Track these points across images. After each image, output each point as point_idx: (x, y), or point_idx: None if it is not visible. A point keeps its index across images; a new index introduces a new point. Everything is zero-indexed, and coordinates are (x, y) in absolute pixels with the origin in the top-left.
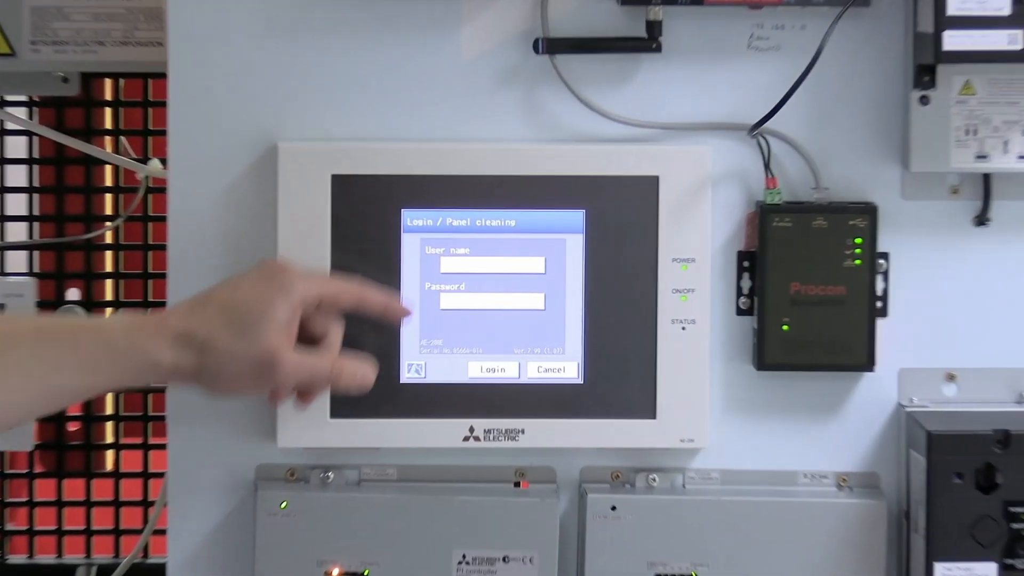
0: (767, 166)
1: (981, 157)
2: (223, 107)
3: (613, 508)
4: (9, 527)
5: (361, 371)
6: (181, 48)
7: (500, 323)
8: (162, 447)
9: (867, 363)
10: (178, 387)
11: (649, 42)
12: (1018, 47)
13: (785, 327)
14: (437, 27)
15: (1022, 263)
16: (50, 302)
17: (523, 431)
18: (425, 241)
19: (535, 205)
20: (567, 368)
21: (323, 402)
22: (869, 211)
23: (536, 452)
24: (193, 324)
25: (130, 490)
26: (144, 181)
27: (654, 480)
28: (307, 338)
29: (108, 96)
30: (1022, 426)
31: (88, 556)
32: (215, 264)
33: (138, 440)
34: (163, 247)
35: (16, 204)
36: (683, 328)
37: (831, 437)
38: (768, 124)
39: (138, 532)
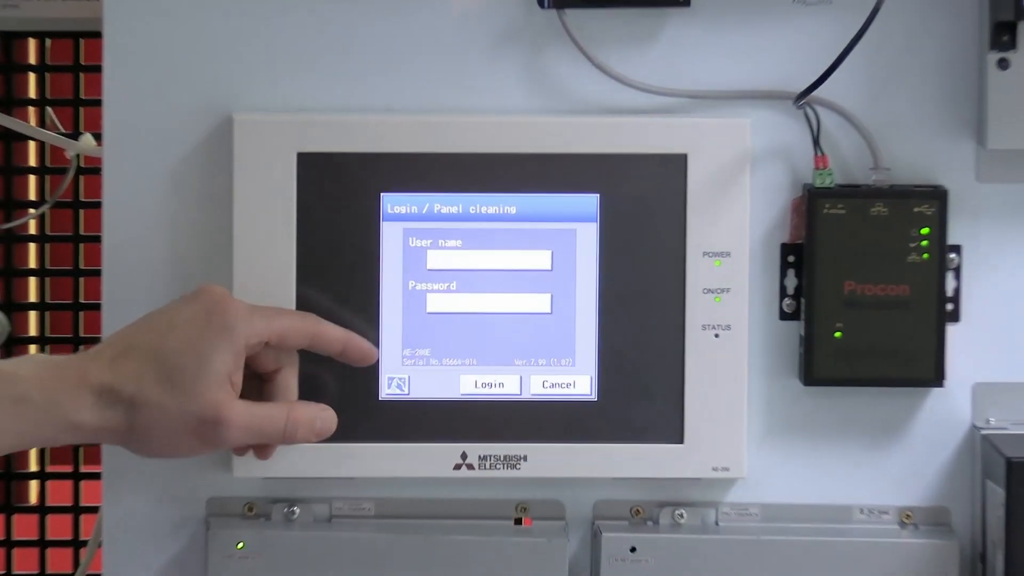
0: (816, 142)
1: None
2: (168, 72)
3: (633, 550)
4: None
5: (320, 419)
6: (119, 1)
7: (498, 329)
8: (96, 476)
9: (935, 377)
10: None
11: None
12: None
13: (838, 334)
14: None
15: None
16: None
17: (525, 458)
18: (409, 232)
19: (540, 189)
20: (578, 383)
21: None
22: (938, 196)
23: (541, 483)
24: (118, 377)
25: (58, 528)
26: (74, 160)
27: (681, 516)
28: (256, 375)
29: (32, 59)
30: None
31: None
32: (158, 259)
33: (67, 468)
34: (97, 239)
35: None
36: (716, 335)
37: (892, 465)
38: (817, 92)
39: None
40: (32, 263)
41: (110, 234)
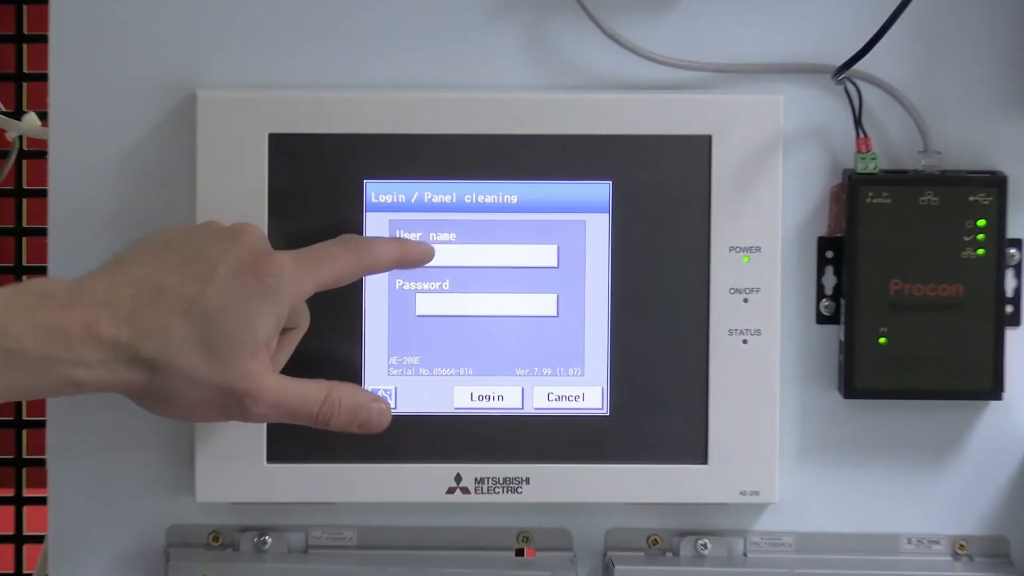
0: (858, 122)
1: None
2: (123, 43)
3: None
4: None
5: (368, 411)
6: None
7: (497, 334)
8: (41, 502)
9: (993, 389)
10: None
11: None
12: None
13: (882, 340)
14: None
15: None
16: None
17: (528, 480)
18: (396, 223)
19: (544, 175)
20: (587, 395)
21: (257, 442)
22: (996, 183)
23: (546, 509)
24: (139, 333)
25: None
26: (16, 143)
27: (705, 547)
28: None
29: None
30: None
31: None
32: (112, 255)
33: (8, 492)
34: (43, 231)
35: None
36: (744, 341)
37: (944, 488)
38: (859, 66)
39: None
40: None
41: (57, 226)
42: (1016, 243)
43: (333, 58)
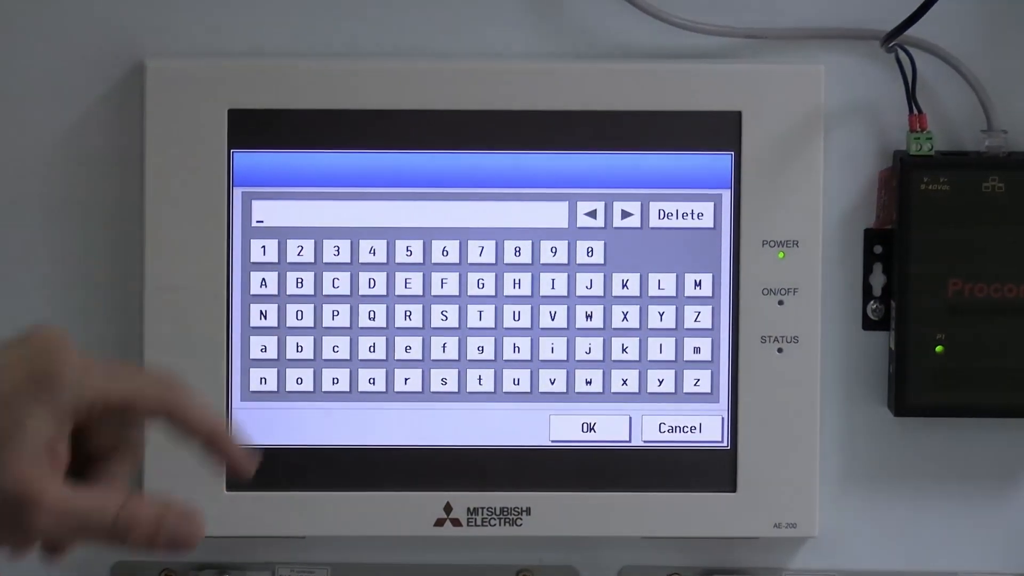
0: (911, 96)
1: None
2: (60, 5)
3: None
4: None
5: (173, 524)
6: None
7: None
8: None
9: None
10: None
11: None
12: None
13: (939, 349)
14: None
15: None
16: None
17: (528, 511)
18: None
19: (546, 152)
20: None
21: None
22: None
23: (549, 543)
24: None
25: None
26: None
27: None
28: (91, 455)
29: None
30: None
31: None
32: (44, 251)
33: None
34: None
35: None
36: (779, 350)
37: (1008, 520)
38: (912, 32)
39: None
40: None
41: None
42: None
43: (305, 22)
